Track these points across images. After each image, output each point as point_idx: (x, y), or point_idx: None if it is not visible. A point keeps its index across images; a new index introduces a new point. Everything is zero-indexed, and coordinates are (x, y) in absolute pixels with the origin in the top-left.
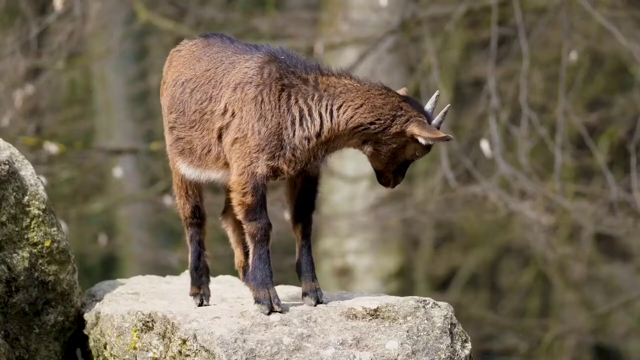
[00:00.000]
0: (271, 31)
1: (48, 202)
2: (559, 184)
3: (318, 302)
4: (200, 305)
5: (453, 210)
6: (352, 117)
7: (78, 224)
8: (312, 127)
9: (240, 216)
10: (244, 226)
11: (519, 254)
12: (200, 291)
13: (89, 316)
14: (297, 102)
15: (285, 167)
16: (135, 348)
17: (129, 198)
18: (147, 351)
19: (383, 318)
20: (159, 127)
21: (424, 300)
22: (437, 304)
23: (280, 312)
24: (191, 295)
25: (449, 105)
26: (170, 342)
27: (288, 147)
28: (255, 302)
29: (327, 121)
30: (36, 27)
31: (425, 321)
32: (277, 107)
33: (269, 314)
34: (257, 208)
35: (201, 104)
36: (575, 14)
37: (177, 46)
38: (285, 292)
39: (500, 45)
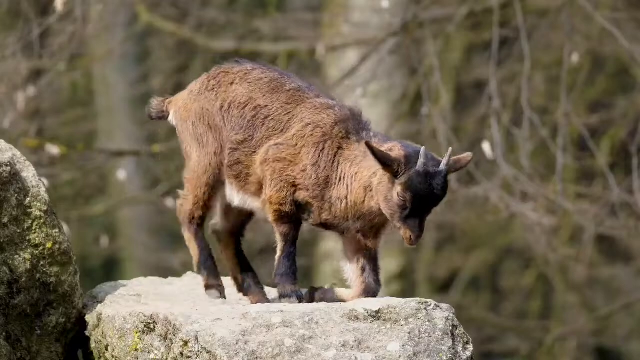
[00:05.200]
0: (273, 33)
1: (50, 203)
2: (560, 186)
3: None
4: (219, 297)
5: (454, 212)
6: (360, 179)
7: (80, 225)
8: (343, 190)
9: (272, 219)
10: (276, 228)
11: (520, 256)
12: (219, 281)
13: (90, 318)
14: (342, 163)
15: (316, 211)
16: (136, 350)
17: (130, 200)
18: (148, 353)
19: (385, 320)
20: (160, 130)
21: (425, 302)
22: (438, 306)
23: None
24: (208, 286)
25: (450, 149)
26: (172, 343)
27: (327, 200)
28: (281, 297)
29: (350, 186)
30: (37, 29)
31: (427, 323)
32: (332, 162)
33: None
34: (292, 214)
35: (272, 132)
36: (576, 15)
37: (223, 67)
38: None
39: (501, 47)
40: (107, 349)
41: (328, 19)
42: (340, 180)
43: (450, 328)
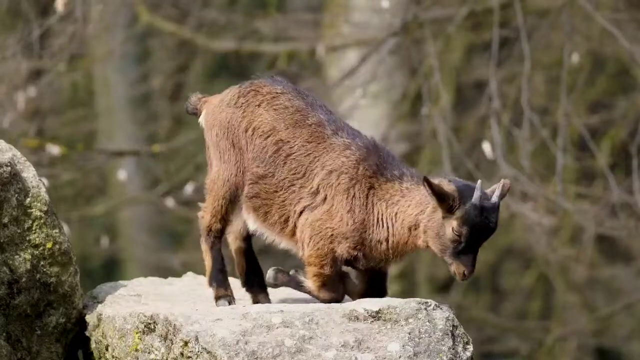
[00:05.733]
0: (273, 33)
1: (50, 203)
2: (560, 186)
3: None
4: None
5: None
6: (403, 220)
7: (80, 226)
8: (383, 232)
9: (315, 285)
10: (317, 294)
11: (520, 256)
12: (228, 292)
13: (90, 318)
14: (376, 204)
15: (362, 259)
16: (137, 350)
17: (130, 200)
18: (148, 353)
19: (385, 320)
20: (160, 130)
21: (425, 302)
22: (438, 306)
23: None
24: (218, 297)
25: (502, 180)
26: (172, 344)
27: (367, 245)
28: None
29: (391, 227)
30: (38, 29)
31: (427, 323)
32: (365, 204)
33: None
34: (335, 279)
35: (294, 174)
36: (577, 16)
37: (255, 83)
38: (286, 293)
39: (502, 48)
40: (107, 349)
41: (328, 20)
42: (377, 222)
43: (451, 328)
